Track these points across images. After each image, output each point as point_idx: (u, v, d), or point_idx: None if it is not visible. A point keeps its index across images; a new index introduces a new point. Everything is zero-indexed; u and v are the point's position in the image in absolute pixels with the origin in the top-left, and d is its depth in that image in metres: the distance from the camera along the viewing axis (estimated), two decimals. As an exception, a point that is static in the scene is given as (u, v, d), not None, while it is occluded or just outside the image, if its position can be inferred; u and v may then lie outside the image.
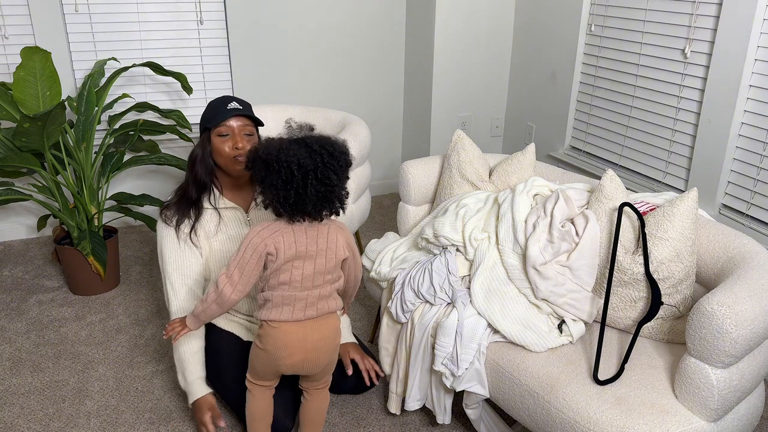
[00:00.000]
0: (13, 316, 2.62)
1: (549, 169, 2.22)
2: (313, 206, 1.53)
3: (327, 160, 1.51)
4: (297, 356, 1.63)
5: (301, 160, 1.49)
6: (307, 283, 1.58)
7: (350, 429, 2.02)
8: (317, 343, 1.64)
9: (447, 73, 3.48)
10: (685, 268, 1.69)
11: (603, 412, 1.47)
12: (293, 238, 1.55)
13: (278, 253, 1.54)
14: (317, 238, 1.58)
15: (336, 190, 1.55)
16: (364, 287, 2.84)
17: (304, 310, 1.60)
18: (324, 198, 1.53)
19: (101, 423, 2.03)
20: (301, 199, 1.51)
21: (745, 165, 2.36)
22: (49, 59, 2.50)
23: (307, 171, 1.49)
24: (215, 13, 3.30)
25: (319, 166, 1.50)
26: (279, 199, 1.52)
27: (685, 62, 2.52)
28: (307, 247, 1.57)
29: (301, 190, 1.50)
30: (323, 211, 1.56)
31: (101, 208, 2.76)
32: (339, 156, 1.54)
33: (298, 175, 1.49)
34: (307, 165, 1.49)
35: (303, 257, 1.56)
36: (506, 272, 1.87)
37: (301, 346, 1.62)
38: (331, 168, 1.52)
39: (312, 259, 1.58)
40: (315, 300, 1.61)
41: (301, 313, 1.60)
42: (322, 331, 1.64)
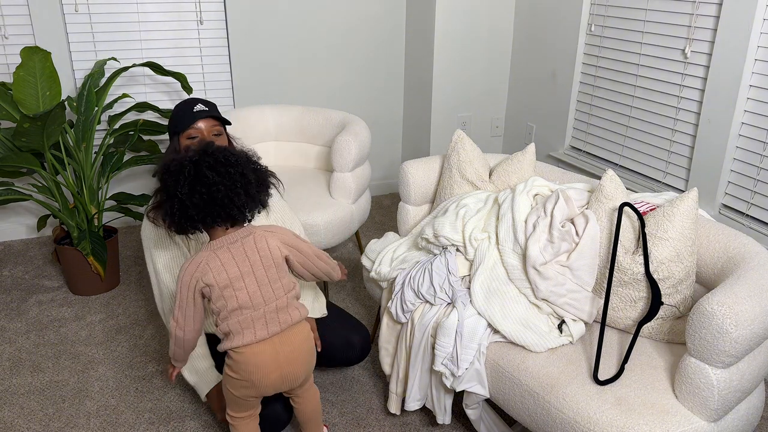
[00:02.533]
0: (13, 316, 2.62)
1: (549, 169, 2.22)
2: (200, 211, 1.44)
3: (198, 158, 1.44)
4: (273, 375, 1.56)
5: (167, 163, 1.44)
6: (257, 300, 1.51)
7: (350, 429, 2.02)
8: (290, 355, 1.57)
9: (447, 73, 3.48)
10: (685, 268, 1.69)
11: (603, 412, 1.47)
12: (219, 263, 1.48)
13: (213, 283, 1.47)
14: (245, 252, 1.51)
15: (221, 188, 1.44)
16: (363, 287, 2.84)
17: (266, 327, 1.53)
18: (211, 200, 1.44)
19: (101, 423, 2.03)
20: (182, 205, 1.43)
21: (745, 165, 2.35)
22: (49, 59, 2.51)
23: (177, 171, 1.43)
24: (215, 13, 3.30)
25: (187, 164, 1.43)
26: (167, 212, 1.45)
27: (685, 62, 2.52)
28: (239, 266, 1.49)
29: (180, 195, 1.43)
30: (219, 217, 1.47)
31: (101, 208, 2.76)
32: (215, 153, 1.46)
33: (169, 180, 1.43)
34: (173, 167, 1.43)
35: (240, 277, 1.49)
36: (506, 272, 1.87)
37: (275, 364, 1.55)
38: (205, 164, 1.43)
39: (250, 275, 1.50)
40: (274, 314, 1.54)
41: (263, 331, 1.53)
42: (292, 343, 1.57)
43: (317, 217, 2.55)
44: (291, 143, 3.09)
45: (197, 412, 2.09)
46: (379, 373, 2.28)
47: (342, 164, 2.67)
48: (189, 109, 1.86)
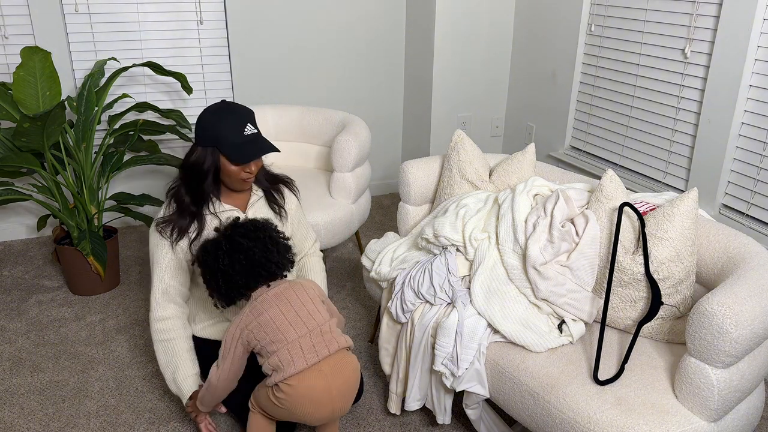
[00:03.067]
0: (13, 316, 2.62)
1: (549, 169, 2.22)
2: (244, 276, 1.58)
3: (230, 232, 1.60)
4: (325, 409, 1.57)
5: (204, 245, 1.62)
6: (301, 331, 1.58)
7: (350, 429, 2.02)
8: (341, 388, 1.59)
9: (447, 73, 3.48)
10: (685, 268, 1.69)
11: (603, 412, 1.47)
12: (260, 307, 1.59)
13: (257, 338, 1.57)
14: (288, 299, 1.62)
15: (256, 251, 1.59)
16: (363, 287, 2.84)
17: (314, 350, 1.56)
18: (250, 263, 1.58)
19: (101, 423, 2.03)
20: (227, 276, 1.58)
21: (745, 165, 2.35)
22: (49, 59, 2.50)
23: (215, 248, 1.59)
24: (215, 13, 3.30)
25: (222, 240, 1.59)
26: (217, 288, 1.60)
27: (685, 62, 2.52)
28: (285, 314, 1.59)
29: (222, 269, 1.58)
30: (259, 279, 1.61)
31: (101, 208, 2.76)
32: (243, 224, 1.63)
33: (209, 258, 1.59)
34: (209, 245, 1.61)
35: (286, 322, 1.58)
36: (506, 272, 1.87)
37: (328, 399, 1.56)
38: (238, 234, 1.59)
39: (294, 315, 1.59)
40: (319, 337, 1.58)
41: (313, 355, 1.55)
42: (343, 375, 1.60)
43: (317, 217, 2.55)
44: (291, 143, 3.09)
45: (197, 412, 2.09)
46: (379, 373, 2.28)
47: (342, 164, 2.67)
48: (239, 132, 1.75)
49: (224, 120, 1.75)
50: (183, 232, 1.85)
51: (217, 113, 1.77)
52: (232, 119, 1.76)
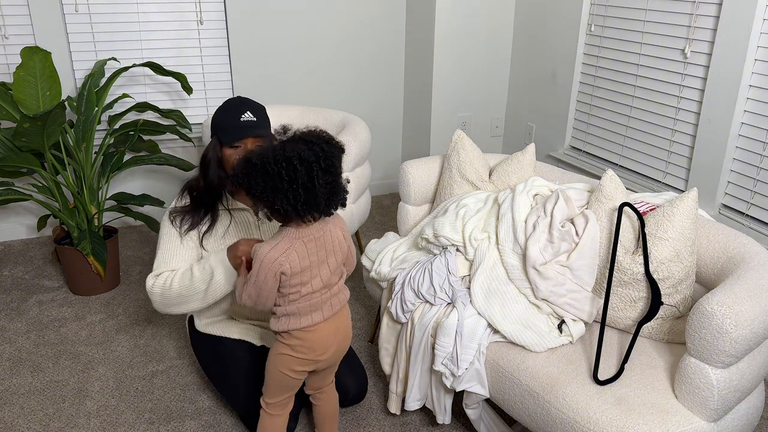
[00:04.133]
0: (13, 316, 2.62)
1: (549, 169, 2.22)
2: (325, 200, 1.49)
3: (327, 149, 1.48)
4: (332, 349, 1.65)
5: (302, 154, 1.44)
6: (326, 285, 1.59)
7: (350, 429, 2.02)
8: (343, 333, 1.67)
9: (447, 73, 3.48)
10: (685, 268, 1.69)
11: (603, 412, 1.47)
12: (305, 250, 1.52)
13: (293, 271, 1.51)
14: (324, 243, 1.56)
15: (340, 180, 1.53)
16: (363, 287, 2.84)
17: (331, 308, 1.62)
18: (333, 190, 1.50)
19: (101, 423, 2.03)
20: (311, 195, 1.45)
21: (745, 165, 2.35)
22: (49, 59, 2.50)
23: (311, 162, 1.44)
24: (215, 13, 3.30)
25: (320, 155, 1.46)
26: (289, 200, 1.44)
27: (685, 62, 2.52)
28: (318, 255, 1.55)
29: (309, 184, 1.44)
30: (333, 205, 1.53)
31: (101, 208, 2.76)
32: (331, 141, 1.52)
33: (301, 169, 1.43)
34: (309, 157, 1.44)
35: (317, 265, 1.55)
36: (506, 272, 1.87)
37: (334, 341, 1.64)
38: (332, 155, 1.49)
39: (325, 264, 1.57)
40: (336, 298, 1.63)
41: (329, 311, 1.62)
42: (343, 319, 1.68)
43: (317, 217, 2.55)
44: (291, 143, 3.09)
45: (197, 412, 2.09)
46: (379, 373, 2.28)
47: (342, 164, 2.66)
48: (237, 117, 1.80)
49: (225, 108, 1.84)
50: (194, 225, 1.87)
51: (223, 104, 1.86)
52: (233, 107, 1.83)
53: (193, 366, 2.31)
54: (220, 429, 2.01)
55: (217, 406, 2.11)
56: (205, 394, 2.17)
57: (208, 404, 2.12)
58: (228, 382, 1.93)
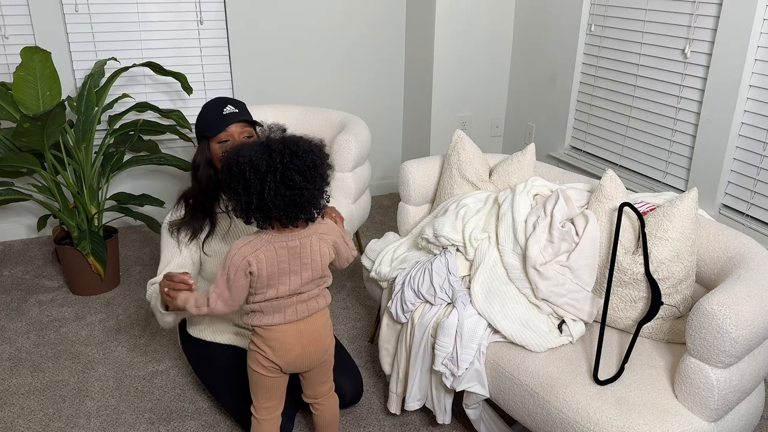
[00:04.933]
0: (13, 316, 2.62)
1: (549, 169, 2.22)
2: (280, 212, 1.44)
3: (288, 160, 1.41)
4: (295, 352, 1.60)
5: (255, 161, 1.40)
6: (293, 293, 1.55)
7: (350, 429, 2.02)
8: (311, 335, 1.62)
9: (447, 73, 3.48)
10: (685, 268, 1.69)
11: (603, 412, 1.47)
12: (275, 256, 1.48)
13: (259, 272, 1.48)
14: (300, 253, 1.52)
15: (305, 193, 1.44)
16: (363, 287, 2.84)
17: (296, 313, 1.58)
18: (292, 203, 1.43)
19: (101, 423, 2.03)
20: (264, 204, 1.43)
21: (745, 165, 2.35)
22: (49, 59, 2.50)
23: (264, 172, 1.40)
24: (215, 13, 3.30)
25: (278, 166, 1.40)
26: (242, 204, 1.44)
27: (685, 62, 2.52)
28: (290, 264, 1.51)
29: (263, 194, 1.41)
30: (296, 218, 1.47)
31: (101, 208, 2.76)
32: (303, 155, 1.43)
33: (252, 177, 1.40)
34: (261, 165, 1.40)
35: (287, 273, 1.51)
36: (506, 272, 1.87)
37: (298, 343, 1.60)
38: (294, 168, 1.41)
39: (297, 274, 1.53)
40: (304, 304, 1.59)
41: (293, 315, 1.58)
42: (315, 325, 1.62)
43: (317, 217, 2.55)
44: (291, 143, 3.09)
45: (197, 411, 2.09)
46: (379, 373, 2.28)
47: (342, 164, 2.66)
48: (219, 112, 1.81)
49: (206, 108, 1.87)
50: (195, 233, 1.87)
51: (204, 106, 1.88)
52: (214, 105, 1.85)
53: (193, 366, 2.32)
54: (220, 429, 2.01)
55: (217, 406, 2.11)
56: (205, 394, 2.17)
57: (208, 404, 2.12)
58: (219, 386, 1.94)
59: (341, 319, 2.61)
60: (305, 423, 2.04)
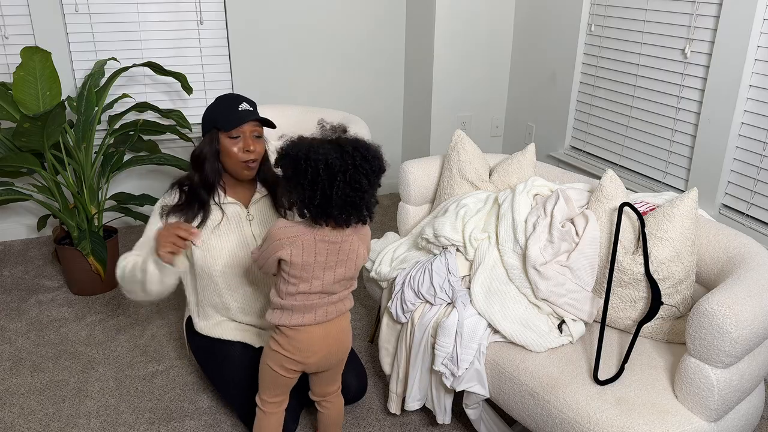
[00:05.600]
0: (13, 316, 2.62)
1: (549, 169, 2.22)
2: (339, 210, 1.46)
3: (359, 163, 1.45)
4: (321, 353, 1.62)
5: (330, 160, 1.43)
6: (327, 291, 1.57)
7: (350, 429, 2.02)
8: (336, 338, 1.64)
9: (447, 74, 3.48)
10: (685, 268, 1.69)
11: (603, 412, 1.47)
12: (313, 248, 1.50)
13: (293, 260, 1.49)
14: (339, 249, 1.53)
15: (365, 196, 1.49)
16: (363, 287, 2.84)
17: (325, 314, 1.59)
18: (351, 203, 1.47)
19: (101, 423, 2.03)
20: (327, 201, 1.45)
21: (745, 165, 2.35)
22: (49, 59, 2.50)
23: (336, 172, 1.43)
24: (215, 13, 3.30)
25: (350, 168, 1.44)
26: (304, 198, 1.46)
27: (685, 62, 2.52)
28: (327, 258, 1.52)
29: (328, 192, 1.44)
30: (350, 218, 1.50)
31: (101, 208, 2.76)
32: (372, 160, 1.49)
33: (324, 175, 1.43)
34: (335, 165, 1.43)
35: (323, 267, 1.53)
36: (506, 272, 1.87)
37: (324, 344, 1.62)
38: (363, 172, 1.46)
39: (332, 269, 1.54)
40: (335, 304, 1.61)
41: (322, 317, 1.59)
42: (339, 326, 1.64)
43: (317, 217, 2.55)
44: (291, 143, 3.09)
45: (197, 412, 2.09)
46: (379, 373, 2.28)
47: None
48: (234, 108, 1.82)
49: (221, 101, 1.86)
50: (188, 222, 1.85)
51: (217, 99, 1.88)
52: (228, 100, 1.85)
53: (193, 366, 2.31)
54: (220, 429, 2.01)
55: (217, 406, 2.11)
56: (205, 394, 2.17)
57: (208, 404, 2.12)
58: (225, 382, 1.93)
59: (341, 319, 2.61)
60: (306, 422, 2.04)
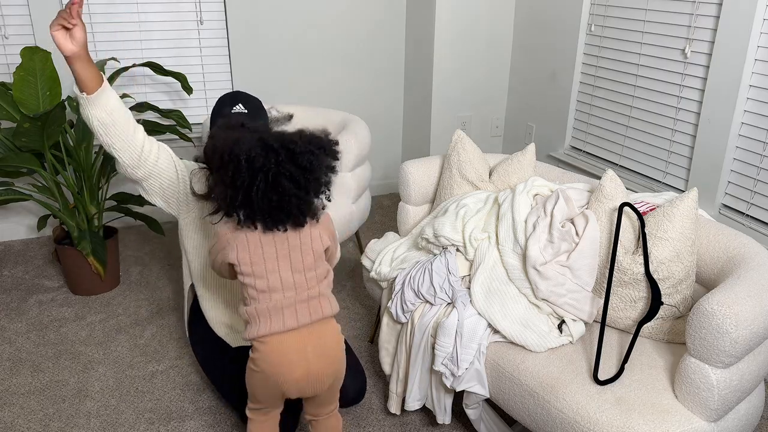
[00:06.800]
0: (13, 316, 2.62)
1: (549, 169, 2.22)
2: (263, 215, 1.34)
3: (283, 159, 1.31)
4: (299, 371, 1.43)
5: (251, 156, 1.28)
6: (289, 286, 1.42)
7: (350, 429, 2.02)
8: (319, 350, 1.45)
9: (447, 74, 3.48)
10: (685, 268, 1.69)
11: (603, 412, 1.47)
12: (258, 238, 1.38)
13: (238, 256, 1.38)
14: (287, 236, 1.40)
15: (293, 200, 1.34)
16: (363, 287, 2.84)
17: (296, 316, 1.42)
18: (277, 207, 1.34)
19: (101, 423, 2.03)
20: (249, 202, 1.33)
21: (745, 165, 2.35)
22: (49, 59, 2.51)
23: (256, 170, 1.30)
24: (215, 13, 3.30)
25: (271, 167, 1.30)
26: (225, 197, 1.33)
27: (685, 62, 2.52)
28: (276, 247, 1.39)
29: (249, 192, 1.31)
30: (278, 223, 1.36)
31: (101, 208, 2.76)
32: (300, 156, 1.32)
33: (246, 173, 1.29)
34: (256, 163, 1.29)
35: (274, 258, 1.39)
36: (506, 272, 1.87)
37: (302, 357, 1.43)
38: (286, 173, 1.31)
39: (286, 259, 1.40)
40: (305, 303, 1.43)
41: (293, 320, 1.42)
42: (322, 339, 1.45)
43: (317, 217, 2.55)
44: (291, 143, 3.09)
45: (197, 412, 2.09)
46: (379, 373, 2.28)
47: (342, 164, 2.66)
48: (228, 109, 1.83)
49: (220, 100, 1.90)
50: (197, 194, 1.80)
51: (220, 97, 1.91)
52: (227, 99, 1.88)
53: (193, 366, 2.31)
54: (220, 429, 2.01)
55: (217, 406, 2.11)
56: (205, 394, 2.17)
57: (208, 404, 2.12)
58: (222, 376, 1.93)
59: (341, 319, 2.61)
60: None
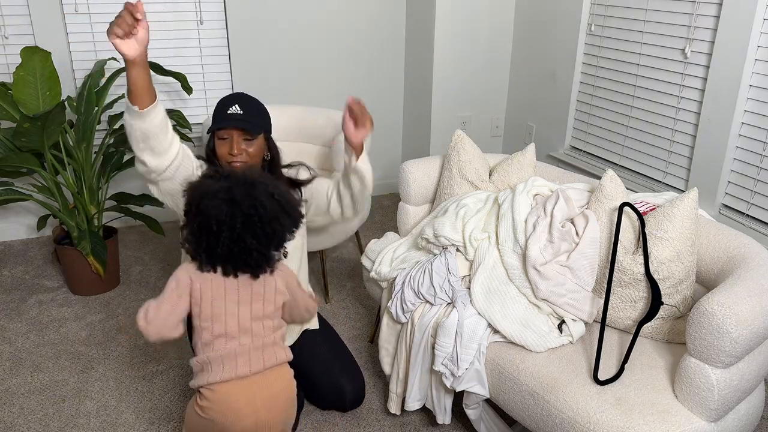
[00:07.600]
0: (13, 316, 2.62)
1: (549, 169, 2.22)
2: (224, 263, 1.41)
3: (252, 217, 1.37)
4: (248, 420, 1.42)
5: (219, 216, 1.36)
6: (245, 331, 1.44)
7: (350, 429, 2.02)
8: (268, 402, 1.45)
9: (447, 73, 3.48)
10: (685, 268, 1.69)
11: (603, 412, 1.47)
12: (222, 282, 1.43)
13: (202, 295, 1.42)
14: (251, 282, 1.45)
15: (254, 254, 1.41)
16: (363, 287, 2.84)
17: (249, 364, 1.43)
18: (238, 259, 1.41)
19: (101, 423, 2.03)
20: (212, 251, 1.40)
21: (745, 165, 2.35)
22: (49, 59, 2.50)
23: (222, 227, 1.37)
24: (215, 13, 3.30)
25: (237, 226, 1.36)
26: (192, 241, 1.41)
27: (685, 62, 2.52)
28: (240, 292, 1.44)
29: (213, 244, 1.38)
30: (236, 267, 1.42)
31: (101, 208, 2.76)
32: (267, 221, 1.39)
33: (214, 228, 1.37)
34: (223, 221, 1.36)
35: (235, 302, 1.43)
36: (506, 272, 1.87)
37: (251, 408, 1.42)
38: (250, 232, 1.38)
39: (247, 305, 1.44)
40: (259, 352, 1.45)
41: (245, 367, 1.43)
42: (272, 388, 1.47)
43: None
44: (291, 143, 3.09)
45: (197, 412, 2.09)
46: (379, 373, 2.28)
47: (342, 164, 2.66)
48: (224, 109, 1.83)
49: (221, 100, 1.88)
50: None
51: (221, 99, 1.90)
52: (225, 100, 1.87)
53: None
54: (220, 429, 2.01)
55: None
56: (205, 394, 2.17)
57: (208, 404, 2.12)
58: None
59: (341, 319, 2.61)
60: (307, 421, 2.04)
